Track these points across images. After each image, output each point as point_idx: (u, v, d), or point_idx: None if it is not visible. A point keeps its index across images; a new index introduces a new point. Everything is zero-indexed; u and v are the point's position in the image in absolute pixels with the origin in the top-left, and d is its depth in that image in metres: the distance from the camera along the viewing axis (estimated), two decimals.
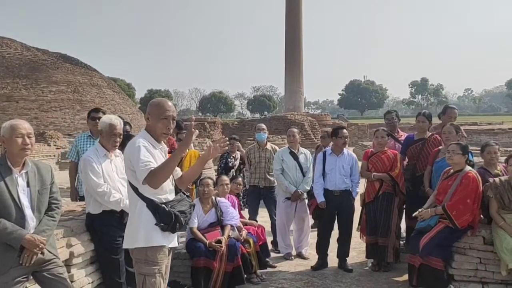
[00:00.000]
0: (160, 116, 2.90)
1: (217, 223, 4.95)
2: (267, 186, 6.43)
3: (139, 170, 2.76)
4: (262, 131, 6.58)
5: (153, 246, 2.84)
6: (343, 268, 5.42)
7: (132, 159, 2.82)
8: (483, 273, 4.19)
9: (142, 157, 2.77)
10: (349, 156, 5.62)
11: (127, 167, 2.91)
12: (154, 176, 2.73)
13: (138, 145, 2.82)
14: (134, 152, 2.81)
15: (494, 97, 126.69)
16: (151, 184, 2.75)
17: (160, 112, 2.91)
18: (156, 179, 2.75)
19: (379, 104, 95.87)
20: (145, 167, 2.74)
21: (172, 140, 6.58)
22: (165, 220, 2.84)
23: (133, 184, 2.88)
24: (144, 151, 2.80)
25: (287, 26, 42.04)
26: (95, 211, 3.81)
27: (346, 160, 5.56)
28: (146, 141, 2.89)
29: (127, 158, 2.89)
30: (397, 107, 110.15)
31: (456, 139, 4.98)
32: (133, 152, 2.82)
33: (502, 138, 15.62)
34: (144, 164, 2.75)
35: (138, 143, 2.83)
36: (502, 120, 40.44)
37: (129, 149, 2.89)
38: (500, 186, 4.25)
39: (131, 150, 2.85)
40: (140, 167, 2.75)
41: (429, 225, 4.39)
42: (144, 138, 2.90)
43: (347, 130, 5.91)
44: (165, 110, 2.91)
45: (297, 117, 23.70)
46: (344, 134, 5.59)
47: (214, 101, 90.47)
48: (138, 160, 2.76)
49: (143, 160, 2.76)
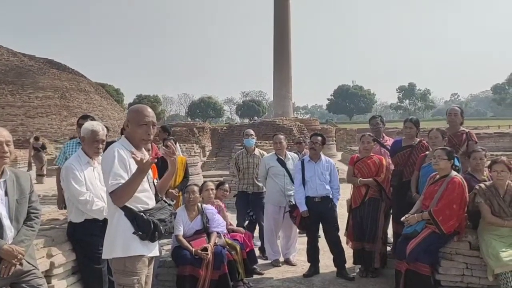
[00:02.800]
0: (139, 122, 2.86)
1: (203, 230, 4.89)
2: (256, 192, 6.39)
3: (109, 183, 2.72)
4: (250, 136, 6.55)
5: (131, 255, 2.77)
6: (343, 276, 5.31)
7: (106, 168, 2.77)
8: (470, 278, 4.20)
9: (115, 169, 2.72)
10: (327, 163, 5.62)
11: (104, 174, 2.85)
12: (122, 195, 2.71)
13: (114, 154, 2.77)
14: (108, 162, 2.76)
15: (480, 102, 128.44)
16: (115, 201, 2.73)
17: (139, 119, 2.86)
18: (121, 198, 2.72)
19: (367, 109, 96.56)
20: (115, 181, 2.71)
21: (155, 148, 6.52)
22: (144, 228, 2.78)
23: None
24: (118, 163, 2.75)
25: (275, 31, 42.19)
26: (77, 219, 3.73)
27: (325, 166, 5.56)
28: (124, 148, 2.84)
29: (102, 166, 2.85)
30: (385, 112, 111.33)
31: (442, 144, 4.98)
32: (107, 161, 2.78)
33: (488, 142, 15.75)
34: (115, 178, 2.71)
35: (114, 152, 2.78)
36: (488, 125, 41.02)
37: (104, 158, 2.85)
38: (488, 191, 4.26)
39: (106, 159, 2.80)
40: (110, 180, 2.71)
41: (415, 230, 4.38)
42: (122, 145, 2.85)
43: (323, 135, 5.87)
44: (144, 116, 2.87)
45: (286, 122, 23.68)
46: (314, 140, 5.58)
47: (203, 106, 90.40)
48: (110, 172, 2.72)
49: (115, 174, 2.72)
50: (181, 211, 4.90)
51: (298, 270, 5.68)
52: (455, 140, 5.48)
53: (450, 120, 5.70)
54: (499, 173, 4.19)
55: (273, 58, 42.82)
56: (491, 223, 4.19)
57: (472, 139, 5.56)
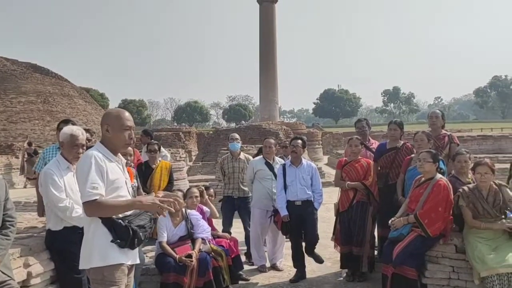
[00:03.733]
0: (122, 127, 2.79)
1: (187, 236, 4.79)
2: (241, 196, 6.34)
3: (85, 191, 2.60)
4: (235, 140, 6.48)
5: (110, 264, 2.67)
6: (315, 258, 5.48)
7: (81, 176, 2.66)
8: (456, 281, 4.17)
9: (92, 178, 2.61)
10: (308, 167, 5.58)
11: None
12: (99, 209, 2.60)
13: (91, 161, 2.66)
14: (84, 169, 2.65)
15: (463, 105, 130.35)
16: (88, 212, 2.60)
17: (121, 123, 2.79)
18: (98, 212, 2.62)
19: (353, 113, 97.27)
20: (92, 190, 2.59)
21: (138, 154, 6.41)
22: (122, 236, 2.68)
23: None
24: (95, 171, 2.64)
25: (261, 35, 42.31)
26: (56, 227, 3.62)
27: (306, 170, 5.52)
28: (101, 154, 2.74)
29: (77, 172, 2.74)
30: (371, 115, 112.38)
31: (428, 147, 4.99)
32: (83, 168, 2.66)
33: (471, 145, 15.88)
34: (92, 187, 2.59)
35: (91, 159, 2.67)
36: (471, 128, 41.51)
37: (80, 164, 2.73)
38: (471, 194, 4.25)
39: (82, 166, 2.69)
40: (86, 189, 2.59)
41: (401, 234, 4.35)
42: (98, 151, 2.75)
43: (304, 138, 5.83)
44: (126, 121, 2.81)
45: (272, 126, 23.67)
46: (294, 144, 5.55)
47: (189, 110, 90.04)
48: (87, 180, 2.60)
49: (91, 182, 2.60)
50: (164, 217, 4.80)
51: (285, 275, 5.62)
52: (437, 143, 5.52)
53: (431, 123, 5.76)
54: (483, 175, 4.19)
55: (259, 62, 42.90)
56: (472, 226, 4.20)
57: (454, 141, 5.61)
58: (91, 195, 2.58)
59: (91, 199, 2.58)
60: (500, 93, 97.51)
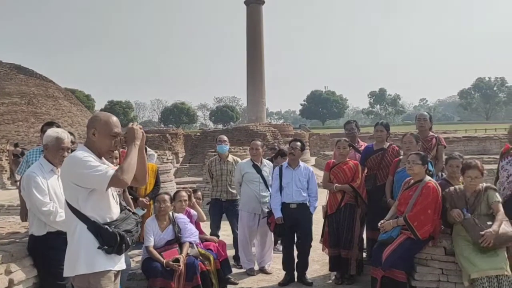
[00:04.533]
0: (110, 133, 2.73)
1: (175, 240, 4.71)
2: (229, 199, 6.27)
3: (96, 179, 2.55)
4: (223, 142, 6.41)
5: (96, 272, 2.59)
6: (303, 281, 5.31)
7: (77, 173, 2.57)
8: (446, 284, 4.16)
9: (92, 164, 2.57)
10: (305, 170, 5.52)
11: (66, 184, 2.66)
12: (125, 171, 2.58)
13: (80, 157, 2.59)
14: (78, 165, 2.57)
15: (448, 107, 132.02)
16: (124, 181, 2.58)
17: (109, 129, 2.74)
18: (128, 174, 2.61)
19: (339, 114, 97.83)
20: (101, 172, 2.55)
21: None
22: (109, 242, 2.61)
23: (71, 204, 2.63)
24: (91, 159, 2.60)
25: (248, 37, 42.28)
26: (39, 232, 3.51)
27: (303, 173, 5.46)
28: (86, 153, 2.67)
29: (68, 174, 2.64)
30: (357, 117, 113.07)
31: (416, 149, 4.99)
32: (76, 165, 2.58)
33: (457, 146, 16.05)
34: (98, 169, 2.56)
35: (78, 154, 2.61)
36: (455, 129, 42.08)
37: (69, 164, 2.65)
38: (454, 194, 4.27)
39: (73, 164, 2.61)
40: (95, 175, 2.54)
41: (391, 236, 4.33)
42: (83, 151, 2.68)
43: (303, 141, 5.80)
44: (114, 127, 2.76)
45: (259, 127, 23.64)
46: (293, 146, 5.49)
47: (176, 112, 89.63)
48: (90, 169, 2.55)
49: (95, 166, 2.56)
50: (151, 221, 4.72)
51: (273, 278, 5.58)
52: (425, 145, 5.53)
53: (419, 126, 5.77)
54: (473, 179, 4.20)
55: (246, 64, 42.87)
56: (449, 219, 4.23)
57: (441, 143, 5.63)
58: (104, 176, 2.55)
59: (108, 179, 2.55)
60: (483, 94, 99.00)
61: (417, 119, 5.84)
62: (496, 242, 3.95)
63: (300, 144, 5.56)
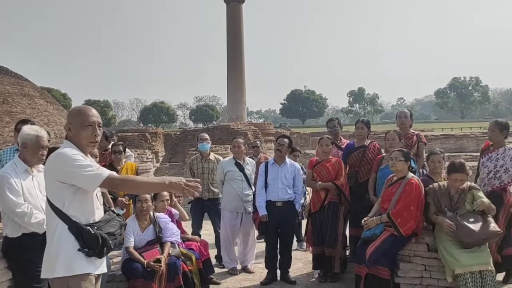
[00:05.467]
0: (83, 124, 2.56)
1: (155, 240, 4.60)
2: (211, 198, 6.18)
3: (87, 178, 2.42)
4: (205, 141, 6.31)
5: (75, 274, 2.46)
6: (286, 280, 5.26)
7: (65, 171, 2.43)
8: (429, 280, 4.18)
9: (83, 163, 2.44)
10: (291, 166, 5.46)
11: (50, 182, 2.52)
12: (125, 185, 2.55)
13: (69, 154, 2.46)
14: (67, 162, 2.43)
15: (424, 106, 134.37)
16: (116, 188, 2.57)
17: (83, 120, 2.57)
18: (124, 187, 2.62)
19: (319, 113, 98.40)
20: (93, 172, 2.43)
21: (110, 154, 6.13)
22: (91, 244, 2.48)
23: (53, 203, 2.50)
24: (80, 157, 2.47)
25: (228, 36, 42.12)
26: (14, 234, 3.38)
27: (289, 170, 5.40)
28: (75, 150, 2.53)
29: (53, 172, 2.49)
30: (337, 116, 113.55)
31: (399, 146, 5.00)
32: (64, 162, 2.44)
33: (434, 144, 16.25)
34: (89, 169, 2.43)
35: (65, 152, 2.48)
36: (432, 127, 42.80)
37: (56, 161, 2.49)
38: (438, 190, 4.30)
39: (60, 162, 2.46)
40: (86, 174, 2.42)
41: (374, 234, 4.33)
42: (71, 148, 2.54)
43: (290, 137, 5.73)
44: (88, 116, 2.58)
45: (240, 126, 23.52)
46: (280, 142, 5.44)
47: (155, 111, 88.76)
48: (80, 167, 2.41)
49: (86, 165, 2.43)
50: (131, 221, 4.60)
51: (256, 277, 5.52)
52: (406, 142, 5.56)
53: (400, 123, 5.80)
54: (458, 181, 4.22)
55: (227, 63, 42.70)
56: (431, 219, 4.27)
57: (422, 140, 5.68)
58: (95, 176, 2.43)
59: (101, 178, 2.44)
60: (459, 94, 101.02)
61: (398, 116, 5.87)
62: (480, 239, 3.99)
63: (288, 140, 5.51)
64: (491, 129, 5.06)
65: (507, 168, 4.84)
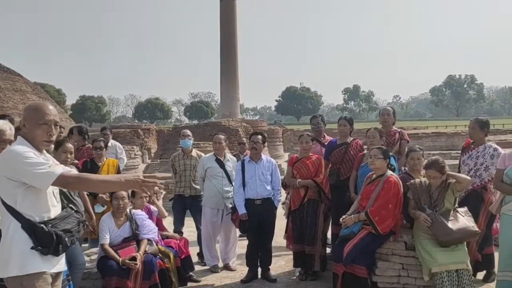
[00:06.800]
0: (38, 121, 2.50)
1: (132, 237, 4.55)
2: (193, 195, 6.12)
3: (38, 177, 2.37)
4: (187, 137, 6.25)
5: (29, 273, 2.40)
6: (266, 278, 5.21)
7: (15, 168, 2.37)
8: (406, 279, 4.15)
9: (34, 161, 2.38)
10: (268, 163, 5.40)
11: (0, 180, 2.44)
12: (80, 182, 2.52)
13: (19, 152, 2.39)
14: (17, 160, 2.37)
15: (420, 104, 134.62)
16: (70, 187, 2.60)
17: (38, 117, 2.50)
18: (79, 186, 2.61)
19: (314, 110, 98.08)
20: (44, 170, 2.37)
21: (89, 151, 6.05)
22: (45, 242, 2.42)
23: (5, 201, 2.43)
24: (32, 155, 2.41)
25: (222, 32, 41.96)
26: None
27: (266, 166, 5.33)
28: (27, 147, 2.47)
29: (3, 169, 2.41)
30: (332, 113, 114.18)
31: (380, 143, 4.96)
32: (14, 160, 2.38)
33: (425, 142, 16.30)
34: (41, 167, 2.37)
35: (18, 150, 2.41)
36: (427, 125, 42.94)
37: (5, 158, 2.43)
38: (419, 187, 4.27)
39: (10, 159, 2.40)
40: (37, 173, 2.36)
41: (352, 232, 4.29)
42: (23, 145, 2.47)
43: (263, 133, 5.68)
44: (44, 114, 2.51)
45: (232, 123, 23.54)
46: (254, 139, 5.37)
47: (150, 107, 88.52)
48: (31, 166, 2.36)
49: (38, 163, 2.37)
50: (107, 218, 4.55)
51: (238, 275, 5.47)
52: (388, 140, 5.53)
53: (383, 120, 5.77)
54: (432, 178, 4.20)
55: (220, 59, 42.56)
56: (411, 215, 4.26)
57: (404, 138, 5.65)
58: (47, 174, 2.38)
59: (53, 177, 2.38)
60: (454, 92, 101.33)
61: (381, 114, 5.84)
62: (458, 238, 3.96)
63: (261, 137, 5.44)
64: (471, 126, 5.03)
65: (487, 166, 4.81)
